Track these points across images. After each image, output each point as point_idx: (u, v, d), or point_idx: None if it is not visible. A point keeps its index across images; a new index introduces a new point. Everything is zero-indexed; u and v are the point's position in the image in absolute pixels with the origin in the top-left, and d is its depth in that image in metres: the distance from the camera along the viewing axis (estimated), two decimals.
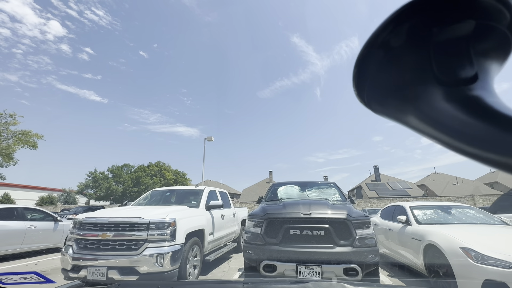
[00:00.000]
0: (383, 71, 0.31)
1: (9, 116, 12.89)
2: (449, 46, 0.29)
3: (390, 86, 0.32)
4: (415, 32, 0.29)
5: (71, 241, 3.90)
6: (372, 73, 0.32)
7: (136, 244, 3.61)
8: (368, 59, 0.31)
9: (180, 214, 4.08)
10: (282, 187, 5.43)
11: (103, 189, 21.62)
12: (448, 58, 0.29)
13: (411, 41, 0.29)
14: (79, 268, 3.61)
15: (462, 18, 0.27)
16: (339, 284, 1.61)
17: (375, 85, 0.33)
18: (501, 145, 0.24)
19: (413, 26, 0.28)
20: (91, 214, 4.10)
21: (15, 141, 12.78)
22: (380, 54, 0.30)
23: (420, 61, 0.29)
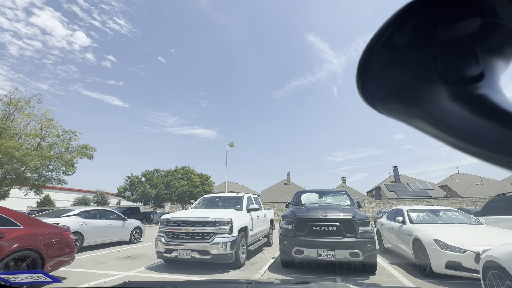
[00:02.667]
0: (387, 70, 0.31)
1: (72, 133, 15.65)
2: (454, 44, 0.28)
3: (395, 85, 0.31)
4: (419, 31, 0.28)
5: (161, 233, 5.75)
6: (376, 73, 0.31)
7: (207, 235, 5.38)
8: (372, 58, 0.31)
9: (234, 215, 5.81)
10: (304, 194, 7.02)
11: (139, 192, 24.26)
12: (453, 56, 0.29)
13: (416, 39, 0.29)
14: (171, 251, 5.44)
15: (467, 16, 0.27)
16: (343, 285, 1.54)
17: (379, 85, 0.32)
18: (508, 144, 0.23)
19: (418, 24, 0.28)
20: (174, 215, 5.94)
21: (77, 153, 15.50)
22: (384, 53, 0.30)
23: (425, 59, 0.29)
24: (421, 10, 0.27)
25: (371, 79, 0.32)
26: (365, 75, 0.32)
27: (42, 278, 1.38)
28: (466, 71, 0.28)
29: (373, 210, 32.59)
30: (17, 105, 14.24)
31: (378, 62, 0.31)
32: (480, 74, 0.28)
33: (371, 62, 0.31)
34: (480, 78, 0.28)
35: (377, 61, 0.31)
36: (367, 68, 0.31)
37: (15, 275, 1.34)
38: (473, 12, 0.26)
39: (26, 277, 1.35)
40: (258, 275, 5.07)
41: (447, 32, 0.28)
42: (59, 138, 15.51)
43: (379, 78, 0.32)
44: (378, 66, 0.31)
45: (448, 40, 0.28)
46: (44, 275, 1.38)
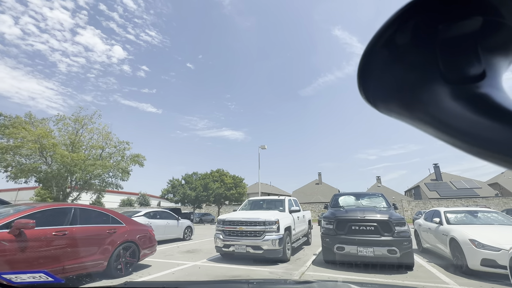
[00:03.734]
0: (389, 69, 0.31)
1: (126, 143, 17.99)
2: (456, 43, 0.28)
3: (396, 84, 0.31)
4: (420, 30, 0.28)
5: (219, 231, 6.83)
6: (377, 72, 0.31)
7: (259, 233, 6.32)
8: (373, 57, 0.30)
9: (279, 216, 6.68)
10: (342, 197, 7.64)
11: (180, 194, 26.39)
12: (455, 55, 0.28)
13: (417, 39, 0.28)
14: (228, 246, 6.48)
15: (468, 15, 0.27)
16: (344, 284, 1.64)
17: (380, 84, 0.32)
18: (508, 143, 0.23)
19: (419, 23, 0.28)
20: (228, 215, 6.99)
21: (131, 161, 17.77)
22: (385, 52, 0.30)
23: (426, 59, 0.29)
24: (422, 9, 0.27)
25: (373, 78, 0.32)
26: (366, 75, 0.32)
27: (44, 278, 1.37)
28: (468, 70, 0.28)
29: (412, 210, 31.25)
30: (82, 122, 16.85)
31: (379, 61, 0.31)
32: (482, 73, 0.28)
33: (373, 61, 0.31)
34: (482, 77, 0.28)
35: (378, 61, 0.31)
36: (369, 68, 0.31)
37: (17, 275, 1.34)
38: (475, 11, 0.26)
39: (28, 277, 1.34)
40: (304, 268, 5.86)
41: (449, 31, 0.28)
42: (116, 148, 17.93)
43: (380, 78, 0.32)
44: (379, 65, 0.31)
45: (449, 39, 0.28)
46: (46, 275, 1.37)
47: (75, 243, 4.31)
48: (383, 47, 0.29)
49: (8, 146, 13.75)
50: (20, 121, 14.30)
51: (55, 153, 13.95)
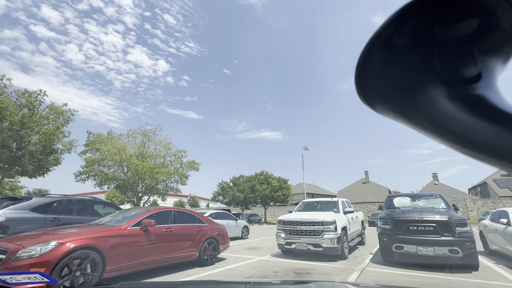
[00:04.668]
0: (386, 70, 0.31)
1: (183, 152, 20.33)
2: (452, 45, 0.28)
3: (393, 85, 0.32)
4: (418, 31, 0.28)
5: (280, 230, 7.68)
6: (374, 72, 0.32)
7: (317, 232, 6.99)
8: (370, 58, 0.31)
9: (336, 216, 7.25)
10: (396, 198, 7.86)
11: (229, 196, 28.21)
12: (451, 57, 0.29)
13: (414, 40, 0.29)
14: (290, 244, 7.28)
15: (465, 17, 0.27)
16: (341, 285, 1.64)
17: (377, 84, 0.32)
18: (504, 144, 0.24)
19: (416, 24, 0.28)
20: (287, 216, 7.81)
21: (188, 168, 20.00)
22: (382, 53, 0.30)
23: (423, 60, 0.29)
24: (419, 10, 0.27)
25: (370, 79, 0.32)
26: (363, 75, 0.32)
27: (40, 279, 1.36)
28: (464, 71, 0.29)
29: (479, 210, 28.11)
30: (148, 135, 19.59)
31: (376, 62, 0.31)
32: (477, 75, 0.28)
33: (370, 62, 0.31)
34: (478, 78, 0.28)
35: (375, 61, 0.31)
36: (366, 68, 0.32)
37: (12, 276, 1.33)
38: (471, 12, 0.27)
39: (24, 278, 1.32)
40: (363, 265, 6.34)
41: (445, 32, 0.28)
42: (175, 156, 20.32)
43: (377, 79, 0.32)
44: (376, 66, 0.31)
45: (446, 41, 0.28)
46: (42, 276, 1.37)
47: (177, 238, 5.59)
48: (381, 48, 0.30)
49: (95, 159, 16.87)
50: (104, 138, 17.46)
51: (130, 163, 16.60)
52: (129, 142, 19.71)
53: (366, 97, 0.34)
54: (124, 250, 4.52)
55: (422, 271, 5.57)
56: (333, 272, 5.66)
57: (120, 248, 4.46)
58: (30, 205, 5.94)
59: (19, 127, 11.95)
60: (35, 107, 12.98)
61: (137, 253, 4.76)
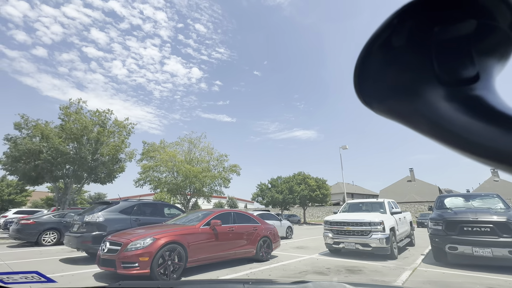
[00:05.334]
0: (384, 70, 0.31)
1: (225, 156, 21.72)
2: (451, 46, 0.29)
3: (391, 85, 0.32)
4: (416, 32, 0.29)
5: (327, 230, 8.09)
6: (373, 73, 0.32)
7: (365, 232, 7.26)
8: (369, 58, 0.31)
9: (383, 217, 7.43)
10: (448, 199, 7.72)
11: (268, 197, 28.97)
12: (450, 57, 0.29)
13: (413, 40, 0.29)
14: (338, 243, 7.66)
15: (463, 18, 0.27)
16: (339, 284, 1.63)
17: (376, 85, 0.33)
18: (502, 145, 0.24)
19: (415, 25, 0.28)
20: (333, 217, 8.19)
21: (230, 171, 21.31)
22: (381, 53, 0.30)
23: (422, 60, 0.30)
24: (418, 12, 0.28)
25: (369, 79, 0.32)
26: (362, 75, 0.32)
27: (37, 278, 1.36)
28: (462, 72, 0.29)
29: None
30: (193, 142, 21.41)
31: (375, 62, 0.31)
32: (475, 76, 0.29)
33: (369, 62, 0.31)
34: (476, 79, 0.29)
35: (374, 62, 0.31)
36: (365, 68, 0.32)
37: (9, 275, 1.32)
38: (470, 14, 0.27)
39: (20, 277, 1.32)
40: (414, 265, 6.46)
41: (444, 33, 0.28)
42: (217, 161, 21.79)
43: (376, 79, 0.32)
44: (375, 66, 0.31)
45: (444, 42, 0.28)
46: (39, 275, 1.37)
47: (238, 236, 6.41)
48: (380, 49, 0.30)
49: (150, 166, 19.01)
50: (157, 146, 19.63)
51: (180, 169, 18.34)
52: (177, 150, 21.66)
53: (365, 97, 0.34)
54: (199, 245, 5.44)
55: (478, 272, 5.55)
56: (384, 270, 5.93)
57: (197, 243, 5.40)
58: (118, 208, 7.30)
59: (95, 142, 14.36)
60: (105, 124, 15.40)
61: (209, 248, 5.66)
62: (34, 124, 13.99)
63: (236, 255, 6.31)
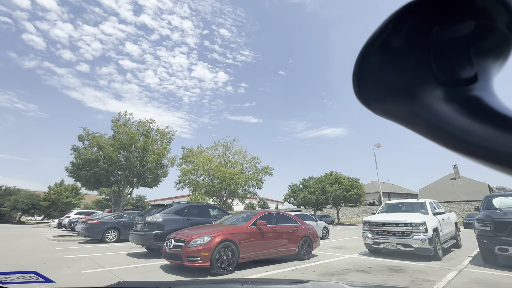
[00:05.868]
0: (383, 71, 0.31)
1: (257, 159, 22.52)
2: (449, 47, 0.29)
3: (390, 86, 0.32)
4: (415, 32, 0.29)
5: (366, 231, 8.24)
6: (372, 73, 0.32)
7: (407, 233, 7.32)
8: (368, 58, 0.31)
9: (425, 218, 7.41)
10: (496, 198, 7.44)
11: (301, 198, 29.09)
12: (448, 58, 0.29)
13: (411, 41, 0.29)
14: (378, 243, 7.79)
15: (462, 19, 0.28)
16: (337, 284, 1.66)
17: (375, 85, 0.33)
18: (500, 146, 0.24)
19: (413, 26, 0.29)
20: (372, 218, 8.31)
21: (262, 173, 22.03)
22: (380, 54, 0.30)
23: (420, 61, 0.30)
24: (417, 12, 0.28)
25: (367, 79, 0.33)
26: (361, 75, 0.33)
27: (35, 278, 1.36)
28: (460, 73, 0.29)
29: None
30: (227, 146, 22.52)
31: (374, 63, 0.31)
32: (474, 76, 0.29)
33: (368, 62, 0.31)
34: (474, 80, 0.29)
35: (373, 62, 0.31)
36: (364, 69, 0.32)
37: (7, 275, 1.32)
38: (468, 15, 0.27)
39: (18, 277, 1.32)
40: (461, 266, 6.40)
41: (443, 34, 0.28)
42: (250, 163, 22.64)
43: (375, 79, 0.32)
44: (374, 66, 0.31)
45: (443, 42, 0.29)
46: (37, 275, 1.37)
47: (281, 235, 6.93)
48: (379, 48, 0.30)
49: (189, 169, 20.46)
50: (194, 151, 21.07)
51: (216, 172, 19.48)
52: (212, 154, 22.91)
53: (364, 98, 0.34)
54: (248, 243, 6.07)
55: None
56: (428, 270, 6.00)
57: (246, 241, 6.03)
58: (173, 210, 8.26)
59: (141, 150, 16.03)
60: (149, 133, 17.09)
61: (256, 245, 6.27)
62: (92, 135, 16.07)
63: (281, 253, 6.83)
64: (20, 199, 43.55)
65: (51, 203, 42.87)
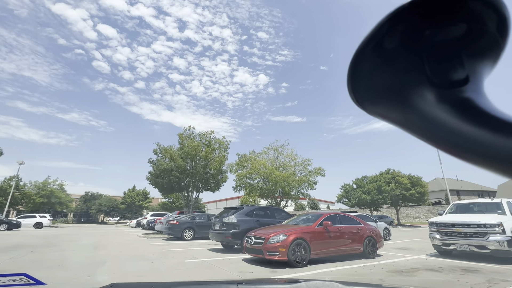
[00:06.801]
0: (377, 72, 0.32)
1: (308, 160, 23.09)
2: (442, 48, 0.30)
3: (384, 87, 0.32)
4: (408, 34, 0.29)
5: (433, 232, 8.20)
6: (366, 74, 0.33)
7: (480, 234, 7.15)
8: (362, 60, 0.32)
9: (502, 219, 7.12)
10: None
11: (355, 198, 28.34)
12: (441, 60, 0.30)
13: (405, 43, 0.30)
14: (448, 245, 7.73)
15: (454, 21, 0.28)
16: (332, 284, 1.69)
17: (369, 86, 0.33)
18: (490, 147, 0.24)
19: (407, 28, 0.29)
20: (439, 219, 8.25)
21: (315, 174, 22.48)
22: (374, 55, 0.31)
23: (413, 63, 0.30)
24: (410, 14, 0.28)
25: (361, 80, 0.33)
26: (355, 76, 0.33)
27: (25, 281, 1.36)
28: (452, 74, 0.30)
29: None
30: (278, 150, 23.63)
31: (368, 63, 0.32)
32: (465, 78, 0.30)
33: (362, 63, 0.32)
34: (466, 82, 0.30)
35: (367, 63, 0.32)
36: (358, 69, 0.32)
37: None
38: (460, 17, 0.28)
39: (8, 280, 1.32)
40: None
41: (435, 36, 0.29)
42: (301, 165, 23.27)
43: (369, 80, 0.33)
44: (368, 68, 0.32)
45: (435, 44, 0.29)
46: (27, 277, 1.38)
47: (346, 235, 7.52)
48: (373, 50, 0.30)
49: (244, 174, 22.13)
50: (248, 157, 22.72)
51: (270, 175, 20.68)
52: (265, 158, 24.21)
53: (358, 99, 0.35)
54: (317, 241, 6.85)
55: None
56: (507, 272, 5.90)
57: (315, 239, 6.82)
58: (244, 212, 9.51)
59: (204, 159, 18.25)
60: (210, 143, 19.28)
61: (324, 244, 7.00)
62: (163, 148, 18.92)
63: (346, 252, 7.43)
64: (103, 203, 51.98)
65: (127, 206, 49.94)
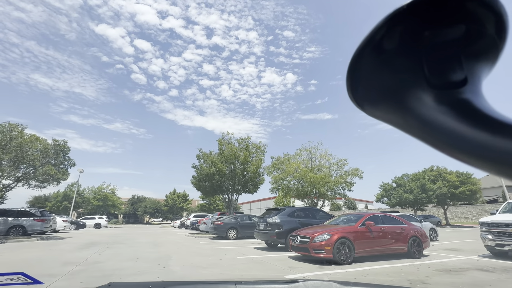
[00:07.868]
0: (376, 73, 0.32)
1: (344, 160, 22.93)
2: (440, 50, 0.30)
3: (383, 88, 0.33)
4: (407, 35, 0.29)
5: (485, 232, 7.96)
6: (365, 75, 0.33)
7: None
8: (362, 60, 0.32)
9: None
10: None
11: (396, 197, 27.15)
12: (439, 61, 0.30)
13: (404, 44, 0.30)
14: (502, 245, 7.48)
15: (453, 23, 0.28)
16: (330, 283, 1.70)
17: (368, 87, 0.33)
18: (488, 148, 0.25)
19: (406, 29, 0.29)
20: (490, 218, 7.98)
21: (351, 175, 22.27)
22: (373, 56, 0.31)
23: (412, 64, 0.30)
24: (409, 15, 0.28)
25: (361, 81, 0.33)
26: (355, 76, 0.33)
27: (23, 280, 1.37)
28: (451, 76, 0.30)
29: None
30: (311, 151, 23.80)
31: (368, 64, 0.32)
32: (464, 79, 0.30)
33: (361, 64, 0.32)
34: (464, 83, 0.30)
35: (366, 64, 0.32)
36: (357, 70, 0.32)
37: None
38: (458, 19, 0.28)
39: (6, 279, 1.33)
40: None
41: (434, 37, 0.29)
42: (337, 165, 23.13)
43: (368, 81, 0.33)
44: (367, 68, 0.32)
45: (434, 45, 0.29)
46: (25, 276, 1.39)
47: (389, 235, 7.72)
48: (372, 51, 0.30)
49: (280, 176, 22.76)
50: (282, 159, 23.35)
51: (305, 177, 21.00)
52: (298, 160, 24.55)
53: (357, 98, 0.35)
54: (360, 241, 7.20)
55: None
56: None
57: (358, 239, 7.18)
58: (286, 212, 10.13)
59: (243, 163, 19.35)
60: (248, 148, 20.36)
61: (367, 243, 7.31)
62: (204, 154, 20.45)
63: (391, 251, 7.63)
64: (148, 205, 56.53)
65: (169, 208, 53.67)
